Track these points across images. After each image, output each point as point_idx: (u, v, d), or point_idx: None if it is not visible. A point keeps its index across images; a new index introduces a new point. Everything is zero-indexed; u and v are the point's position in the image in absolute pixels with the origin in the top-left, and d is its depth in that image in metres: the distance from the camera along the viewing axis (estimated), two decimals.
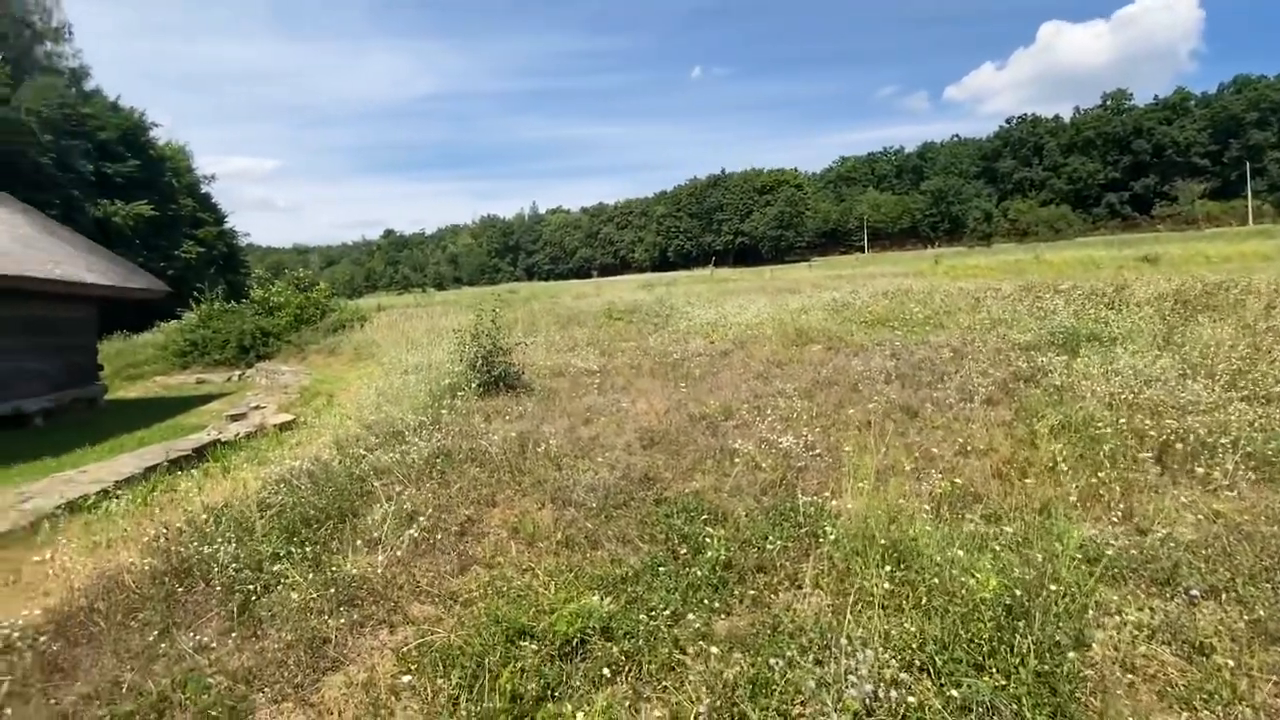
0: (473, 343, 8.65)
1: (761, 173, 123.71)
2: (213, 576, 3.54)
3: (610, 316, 21.09)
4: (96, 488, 5.98)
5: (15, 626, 3.10)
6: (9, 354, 12.90)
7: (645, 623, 3.13)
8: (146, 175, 36.22)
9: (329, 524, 4.28)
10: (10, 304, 12.63)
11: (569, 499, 4.60)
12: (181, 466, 7.26)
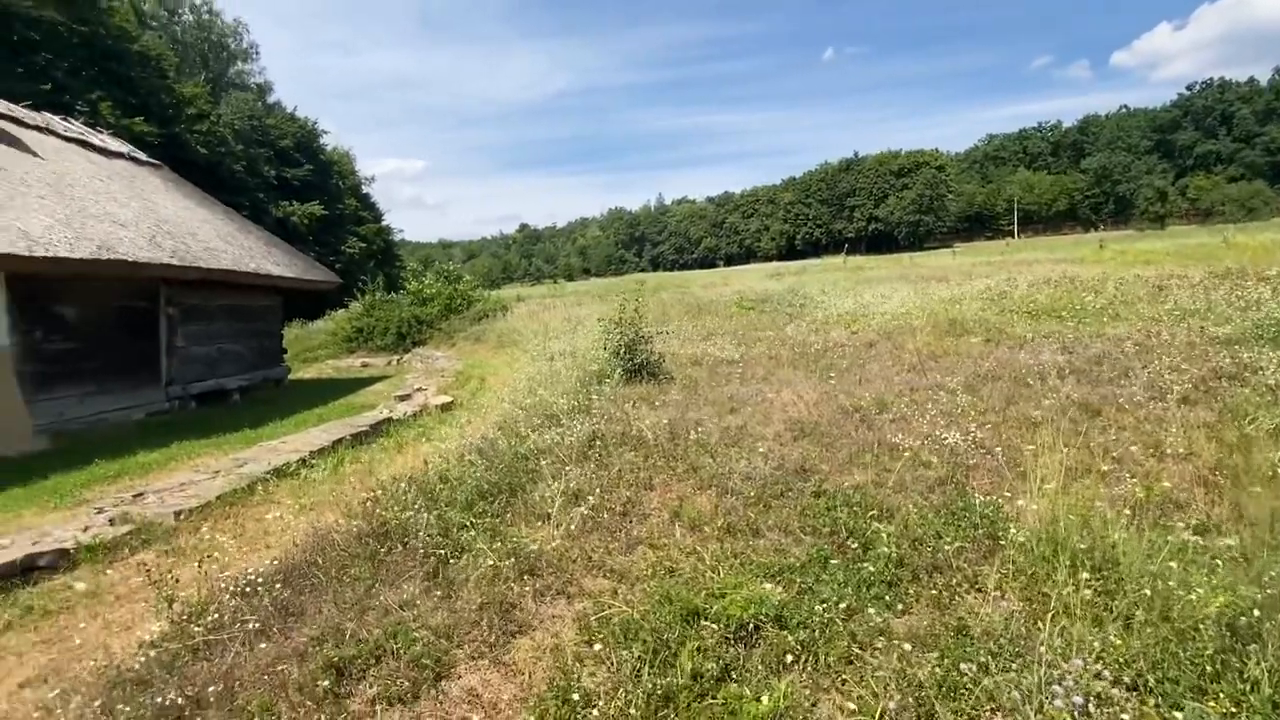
0: (616, 331, 8.88)
1: (898, 154, 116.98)
2: (409, 540, 3.89)
3: (741, 306, 20.89)
4: (296, 456, 6.75)
5: (253, 575, 3.57)
6: (214, 338, 14.80)
7: (820, 614, 3.08)
8: (318, 178, 40.25)
9: (501, 498, 4.57)
10: (217, 294, 14.46)
11: (725, 486, 4.61)
12: (361, 440, 8.04)
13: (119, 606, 3.81)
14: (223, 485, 5.67)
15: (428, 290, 27.88)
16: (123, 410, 11.98)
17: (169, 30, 36.49)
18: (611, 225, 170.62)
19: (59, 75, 22.40)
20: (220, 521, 5.11)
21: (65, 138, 13.32)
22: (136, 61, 27.22)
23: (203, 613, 3.27)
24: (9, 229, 8.91)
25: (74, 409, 10.92)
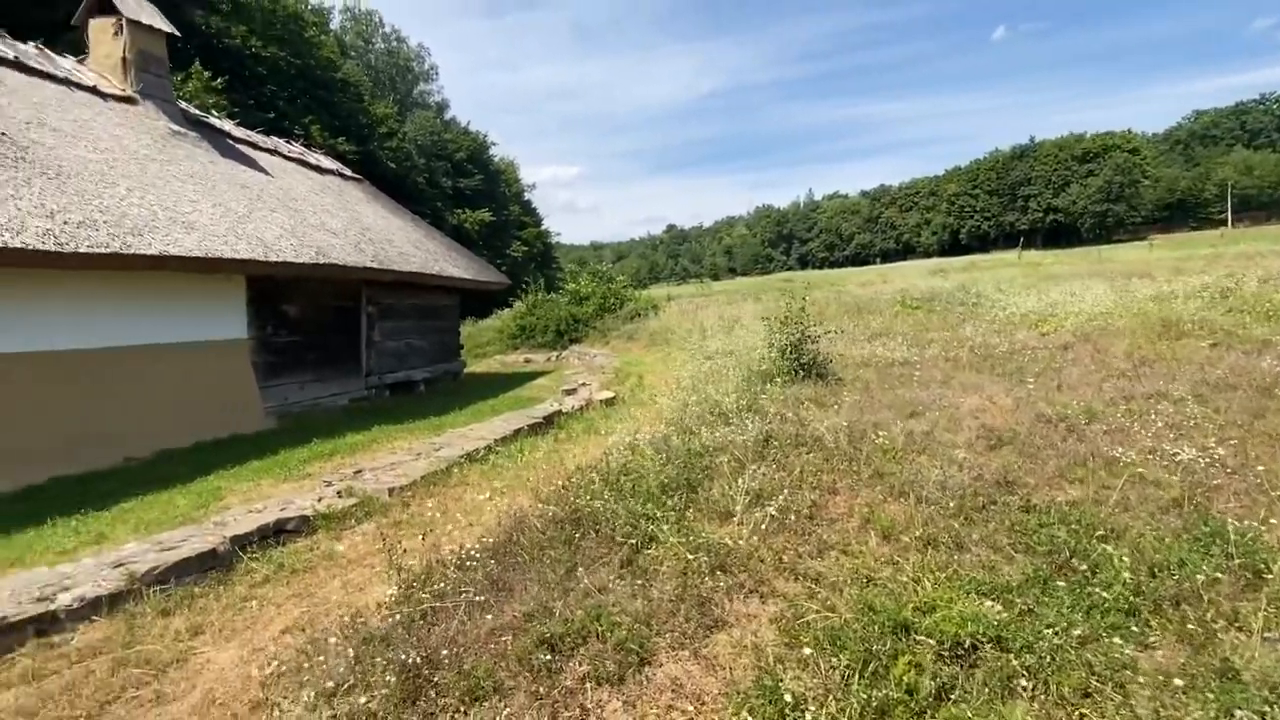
0: (781, 330, 8.70)
1: (1083, 138, 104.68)
2: (600, 527, 4.05)
3: (905, 305, 19.69)
4: (483, 443, 7.27)
5: (465, 550, 3.88)
6: (404, 334, 16.34)
7: (1049, 638, 2.80)
8: (487, 186, 43.37)
9: (680, 493, 4.62)
10: (407, 294, 15.96)
11: (919, 495, 4.34)
12: (537, 430, 8.52)
13: (352, 569, 4.31)
14: (425, 466, 6.23)
15: (584, 290, 29.05)
16: (332, 396, 13.58)
17: (364, 58, 41.06)
18: (758, 223, 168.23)
19: (280, 103, 25.91)
20: (426, 499, 5.62)
21: (288, 157, 15.33)
22: (339, 88, 30.83)
23: (426, 581, 3.60)
24: (251, 238, 10.38)
25: (295, 394, 12.54)
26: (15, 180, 7.57)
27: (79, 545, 5.78)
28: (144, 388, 9.30)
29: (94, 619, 3.65)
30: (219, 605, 3.89)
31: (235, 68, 23.83)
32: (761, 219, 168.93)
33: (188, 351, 10.01)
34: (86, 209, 8.06)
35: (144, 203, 9.03)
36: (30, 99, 9.16)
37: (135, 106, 11.31)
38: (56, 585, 3.73)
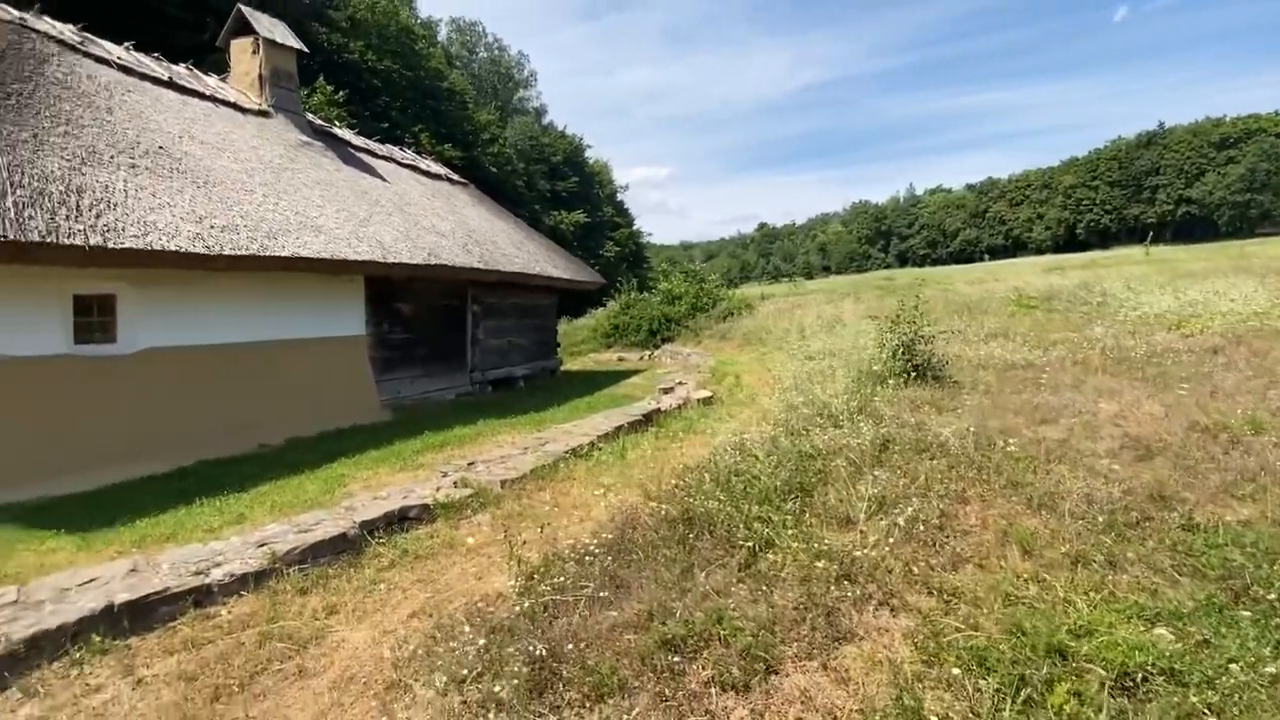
0: (892, 329, 8.31)
1: (1221, 122, 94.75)
2: (714, 528, 3.97)
3: (1021, 304, 18.45)
4: (586, 440, 7.35)
5: (580, 545, 3.90)
6: (506, 332, 16.86)
7: (1235, 674, 2.48)
8: (582, 189, 44.22)
9: (795, 496, 4.47)
10: (508, 294, 16.45)
11: (1061, 509, 4.00)
12: (637, 428, 8.54)
13: (471, 558, 4.44)
14: (533, 461, 6.36)
15: (676, 289, 29.03)
16: (440, 391, 14.19)
17: (468, 67, 42.85)
18: (854, 220, 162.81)
19: (393, 113, 27.41)
20: (535, 493, 5.73)
21: (402, 164, 16.15)
22: (446, 97, 32.28)
23: (545, 574, 3.64)
24: (371, 240, 10.98)
25: (406, 388, 13.19)
26: (171, 189, 8.34)
27: (223, 524, 6.28)
28: (277, 380, 10.03)
29: (242, 594, 3.93)
30: (350, 587, 4.09)
31: (354, 81, 25.45)
32: (858, 215, 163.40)
33: (315, 347, 10.71)
34: (230, 214, 8.76)
35: (278, 208, 9.73)
36: (182, 115, 10.08)
37: (269, 119, 12.24)
38: (209, 561, 4.04)
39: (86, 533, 6.00)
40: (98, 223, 7.01)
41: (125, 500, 7.00)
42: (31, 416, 7.14)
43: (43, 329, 7.35)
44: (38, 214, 6.51)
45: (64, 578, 3.74)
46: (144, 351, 8.29)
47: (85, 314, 7.83)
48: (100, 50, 9.70)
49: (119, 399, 7.98)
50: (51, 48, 8.76)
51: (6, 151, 6.76)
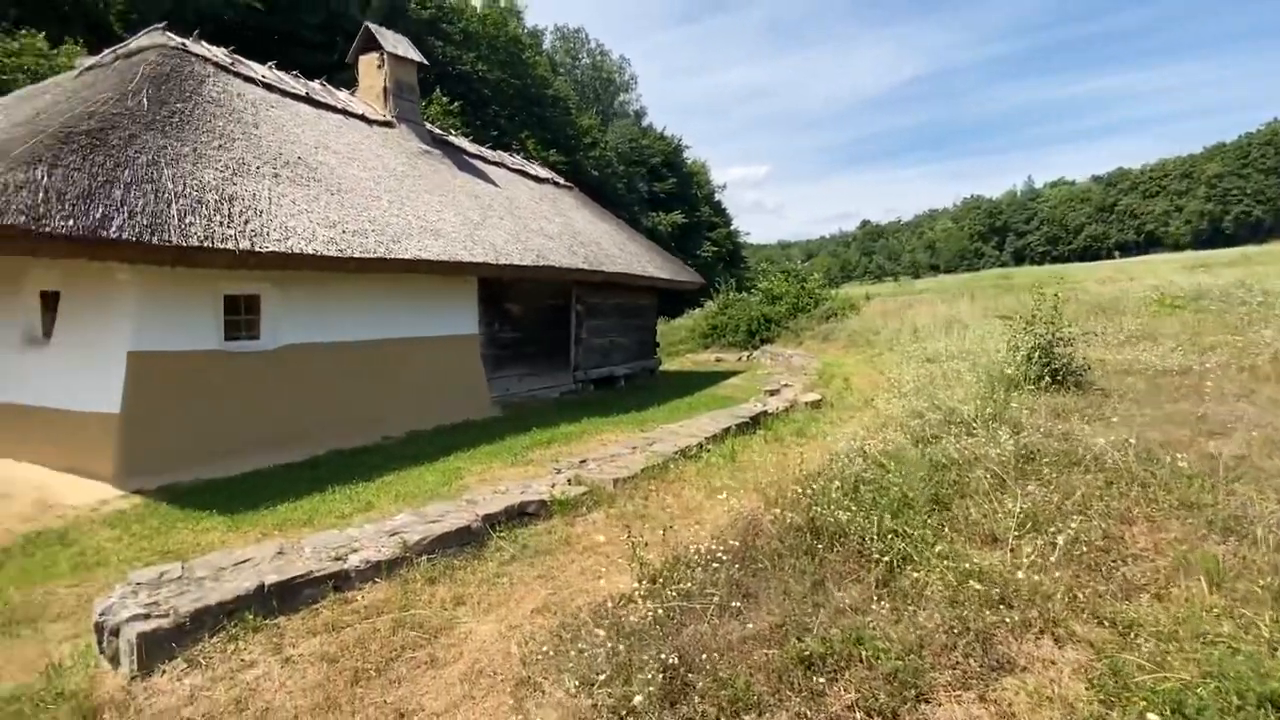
0: (1027, 331, 7.68)
1: None
2: (845, 540, 3.75)
3: (1164, 305, 16.69)
4: (694, 441, 7.24)
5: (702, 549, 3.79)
6: (608, 331, 17.03)
7: None
8: (680, 189, 44.21)
9: (929, 509, 4.16)
10: (610, 294, 16.61)
11: (1251, 534, 3.50)
12: (744, 430, 8.34)
13: (588, 556, 4.43)
14: (644, 460, 6.32)
15: (776, 289, 28.43)
16: (545, 389, 14.52)
17: (571, 73, 43.87)
18: (966, 216, 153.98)
19: (501, 121, 28.45)
20: (648, 492, 5.68)
21: (511, 169, 16.66)
22: (550, 103, 33.16)
23: (669, 578, 3.56)
24: (484, 242, 11.35)
25: (514, 386, 13.57)
26: (308, 196, 8.94)
27: (353, 511, 6.65)
28: (398, 376, 10.56)
29: (376, 580, 4.09)
30: (475, 579, 4.17)
31: (466, 92, 26.63)
32: (969, 211, 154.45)
33: (432, 345, 11.21)
34: (359, 220, 9.30)
35: (401, 213, 10.24)
36: (318, 127, 10.81)
37: (393, 129, 12.94)
38: (347, 547, 4.24)
39: (234, 515, 6.50)
40: (246, 228, 7.60)
41: (266, 486, 7.55)
42: (189, 407, 7.84)
43: (199, 326, 8.05)
44: (197, 220, 7.13)
45: (220, 557, 4.03)
46: (283, 348, 8.92)
47: (234, 312, 8.53)
48: (248, 70, 10.56)
49: (261, 392, 8.63)
50: (207, 69, 9.61)
51: (171, 164, 7.46)
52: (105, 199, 6.41)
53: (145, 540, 5.89)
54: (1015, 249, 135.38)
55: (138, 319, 7.42)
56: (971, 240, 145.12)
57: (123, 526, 6.23)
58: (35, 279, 8.18)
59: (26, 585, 5.04)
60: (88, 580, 5.13)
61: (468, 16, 29.51)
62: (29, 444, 7.80)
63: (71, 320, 7.82)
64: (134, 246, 6.44)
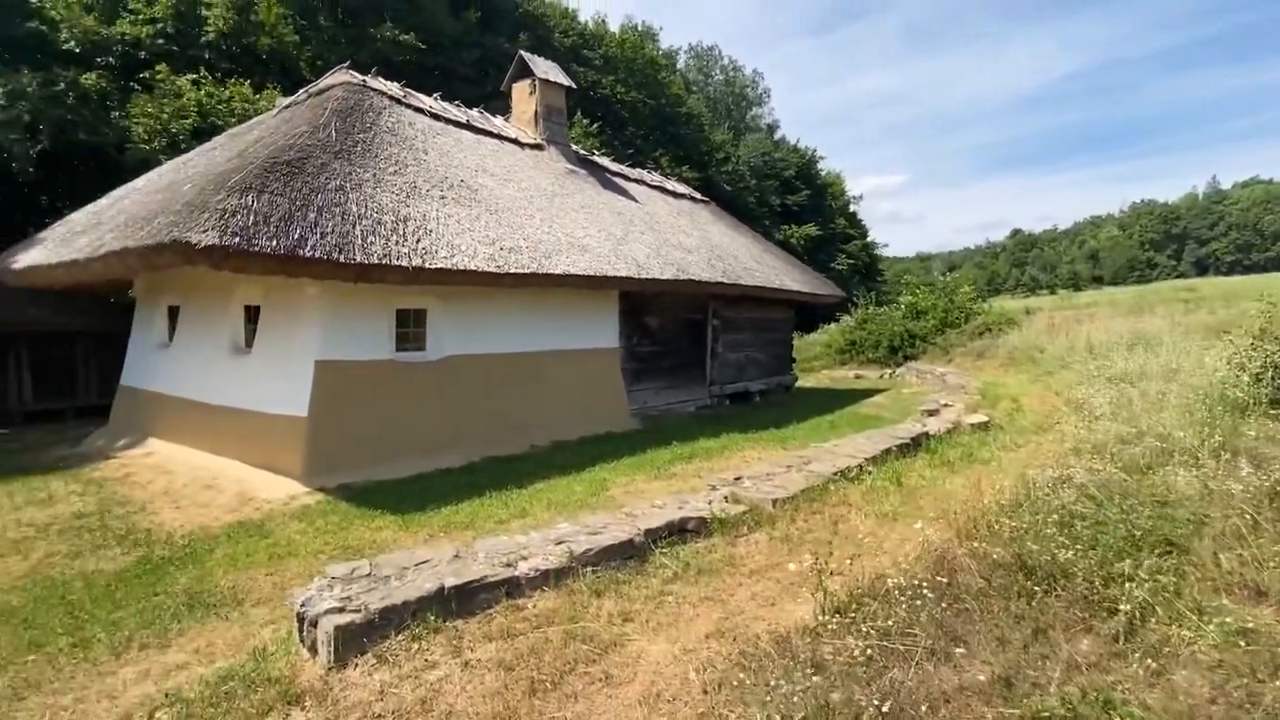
0: (1255, 348, 6.57)
1: None
2: (1070, 583, 3.27)
3: None
4: (853, 461, 6.80)
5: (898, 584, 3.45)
6: (743, 346, 16.71)
7: None
8: (813, 201, 43.01)
9: (1161, 551, 3.55)
10: (746, 308, 16.31)
11: None
12: (905, 452, 7.75)
13: (757, 580, 4.20)
14: (802, 480, 6.00)
15: (921, 303, 26.79)
16: (681, 403, 14.44)
17: (704, 90, 44.18)
18: (1135, 222, 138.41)
19: (638, 141, 29.06)
20: (809, 515, 5.37)
21: (651, 185, 16.86)
22: (684, 121, 33.50)
23: (858, 612, 3.26)
24: (627, 257, 11.49)
25: (651, 399, 13.60)
26: (470, 216, 9.44)
27: (509, 517, 6.83)
28: (545, 387, 10.89)
29: (544, 589, 4.09)
30: (640, 595, 4.07)
31: (605, 114, 27.53)
32: (1140, 216, 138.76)
33: (576, 357, 11.47)
34: (514, 237, 9.69)
35: (551, 231, 10.58)
36: (477, 151, 11.46)
37: (542, 151, 13.50)
38: (515, 554, 4.29)
39: (404, 515, 6.88)
40: (418, 246, 8.12)
41: (429, 489, 7.96)
42: (364, 412, 8.45)
43: (375, 337, 8.69)
44: (376, 240, 7.70)
45: (403, 557, 4.20)
46: (445, 358, 9.44)
47: (403, 325, 9.14)
48: (417, 102, 11.41)
49: (425, 400, 9.16)
50: (384, 102, 10.46)
51: (355, 189, 8.13)
52: (302, 221, 7.07)
53: (328, 535, 6.35)
54: (1197, 258, 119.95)
55: (324, 330, 8.11)
56: (1143, 249, 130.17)
57: (308, 521, 6.77)
58: (241, 294, 9.20)
59: (232, 570, 5.56)
60: (281, 569, 5.58)
61: (607, 42, 30.54)
62: (233, 442, 8.74)
63: (269, 331, 8.71)
64: (324, 264, 7.04)
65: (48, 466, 9.50)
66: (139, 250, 6.82)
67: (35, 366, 15.03)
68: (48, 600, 5.09)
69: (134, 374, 10.97)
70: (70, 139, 14.77)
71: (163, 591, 5.20)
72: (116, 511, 7.23)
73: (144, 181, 10.58)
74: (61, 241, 9.34)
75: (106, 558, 5.99)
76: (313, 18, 19.86)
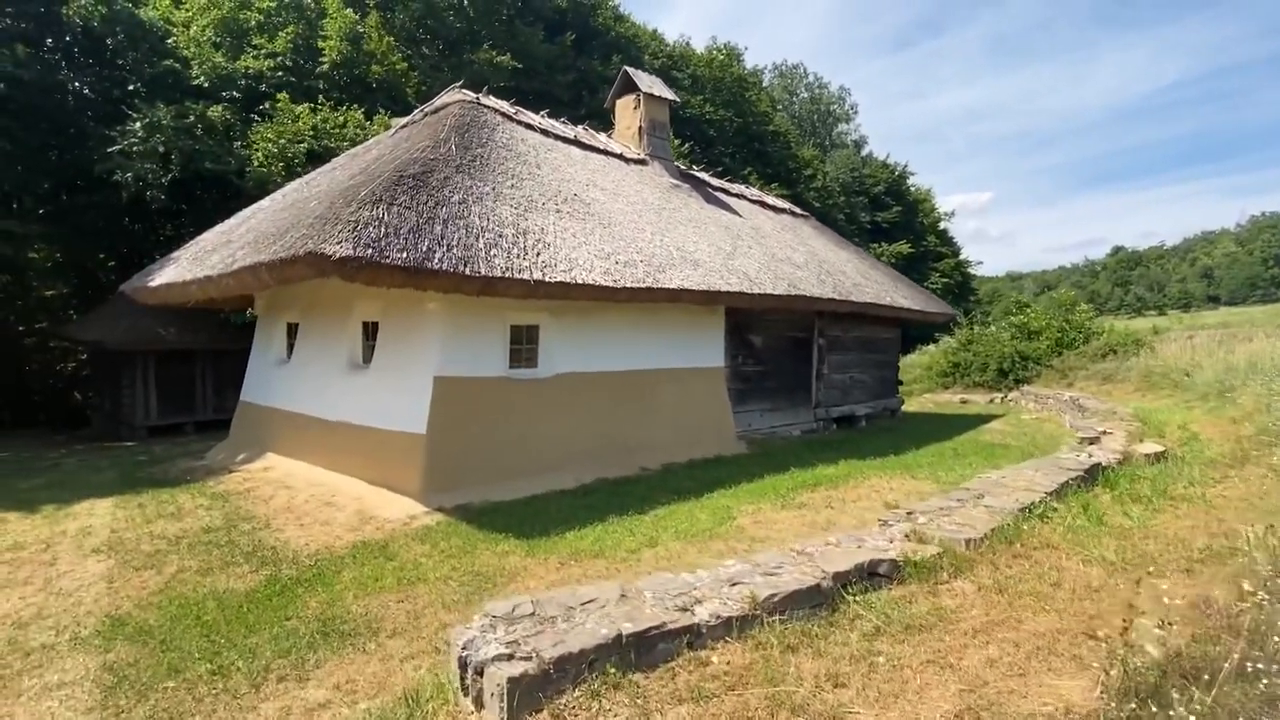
0: None
1: None
2: None
3: None
4: (1033, 496, 5.95)
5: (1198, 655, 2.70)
6: (849, 367, 15.78)
7: None
8: (904, 218, 41.35)
9: None
10: (852, 326, 15.41)
11: None
12: (1081, 485, 6.79)
13: (984, 642, 3.49)
14: (986, 517, 5.22)
15: (1033, 323, 24.96)
16: (786, 426, 13.67)
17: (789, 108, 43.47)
18: (1256, 238, 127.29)
19: (726, 159, 28.63)
20: (1011, 560, 4.58)
21: (751, 200, 16.31)
22: (771, 139, 32.91)
23: (1163, 697, 2.52)
24: (737, 272, 10.94)
25: (755, 422, 12.90)
26: (584, 229, 9.14)
27: (639, 546, 6.31)
28: (653, 407, 10.41)
29: (726, 639, 3.53)
30: (842, 653, 3.44)
31: (694, 133, 27.31)
32: (1261, 231, 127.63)
33: (684, 376, 10.96)
34: (628, 251, 9.32)
35: (662, 245, 10.17)
36: (586, 166, 11.24)
37: (645, 166, 13.19)
38: (687, 595, 3.75)
39: (528, 539, 6.48)
40: (537, 260, 7.84)
41: (546, 511, 7.57)
42: (479, 430, 8.19)
43: (490, 353, 8.45)
44: (499, 253, 7.46)
45: (566, 595, 3.73)
46: (557, 376, 9.11)
47: (516, 341, 8.88)
48: (527, 119, 11.32)
49: (537, 419, 8.84)
50: (496, 119, 10.38)
51: (477, 202, 7.95)
52: (429, 234, 6.88)
53: (454, 559, 6.01)
54: None
55: (443, 346, 7.91)
56: (1266, 266, 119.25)
57: (431, 543, 6.46)
58: (360, 311, 9.19)
59: (362, 595, 5.27)
60: (411, 595, 5.24)
61: (694, 62, 30.42)
62: (350, 458, 8.64)
63: (387, 347, 8.60)
64: (451, 276, 6.81)
65: (175, 479, 9.72)
66: (271, 263, 6.80)
67: (160, 383, 15.82)
68: (183, 620, 4.92)
69: (253, 390, 11.19)
70: (197, 168, 15.59)
71: (295, 615, 4.95)
72: (242, 527, 7.17)
73: (269, 201, 10.86)
74: (194, 260, 9.62)
75: (236, 575, 5.84)
76: (416, 48, 20.50)
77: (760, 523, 7.25)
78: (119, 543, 6.79)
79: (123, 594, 5.54)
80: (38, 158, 16.60)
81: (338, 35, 17.89)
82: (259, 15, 18.79)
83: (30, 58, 15.53)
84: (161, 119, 15.43)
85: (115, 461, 11.78)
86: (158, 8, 18.97)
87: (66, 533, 7.28)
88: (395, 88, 18.30)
